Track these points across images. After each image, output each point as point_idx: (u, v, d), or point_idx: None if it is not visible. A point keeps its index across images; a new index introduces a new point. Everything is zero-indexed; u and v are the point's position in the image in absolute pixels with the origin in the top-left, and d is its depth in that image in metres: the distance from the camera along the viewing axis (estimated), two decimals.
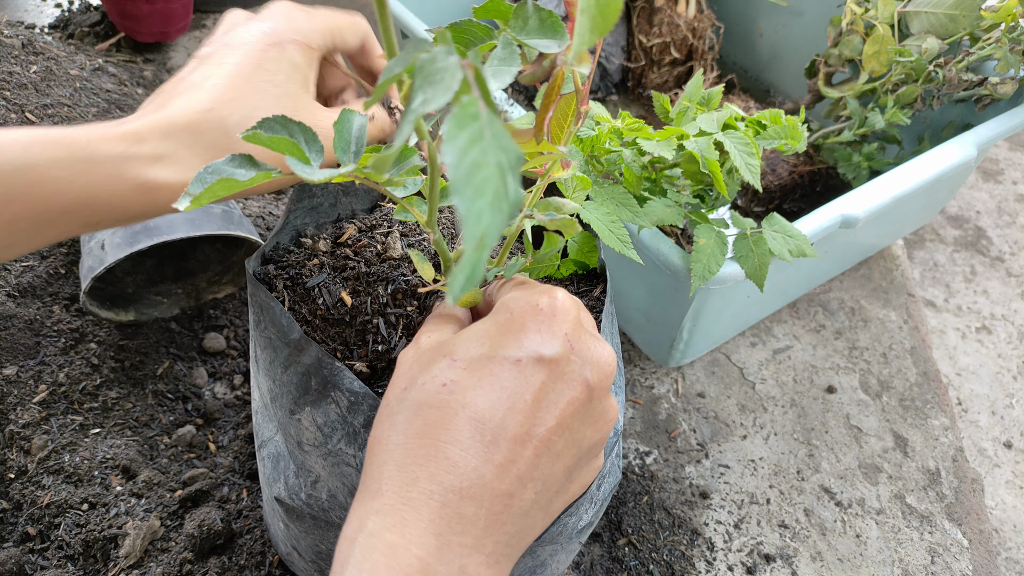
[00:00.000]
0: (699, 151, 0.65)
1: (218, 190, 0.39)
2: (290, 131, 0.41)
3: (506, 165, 0.26)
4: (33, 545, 0.72)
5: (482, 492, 0.35)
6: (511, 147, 0.26)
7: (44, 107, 0.94)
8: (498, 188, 0.25)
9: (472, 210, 0.25)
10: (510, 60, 0.36)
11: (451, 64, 0.28)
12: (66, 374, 0.81)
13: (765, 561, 0.78)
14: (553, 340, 0.38)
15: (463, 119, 0.26)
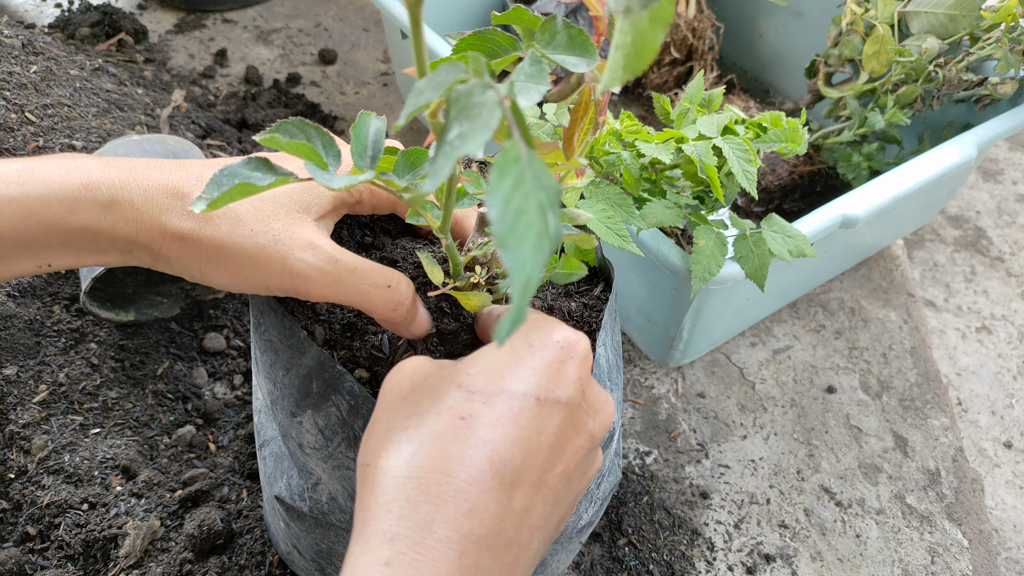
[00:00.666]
0: (697, 156, 0.64)
1: (235, 194, 0.38)
2: (308, 135, 0.40)
3: (546, 203, 0.26)
4: (33, 545, 0.73)
5: (498, 541, 0.33)
6: (550, 184, 0.26)
7: (44, 107, 0.94)
8: (540, 230, 0.25)
9: (518, 259, 0.24)
10: (539, 77, 0.35)
11: (489, 100, 0.27)
12: (66, 374, 0.81)
13: (765, 561, 0.78)
14: (569, 384, 0.37)
15: (505, 165, 0.25)
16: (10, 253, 0.43)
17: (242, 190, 0.37)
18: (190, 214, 0.44)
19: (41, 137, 0.91)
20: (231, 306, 0.92)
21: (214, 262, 0.45)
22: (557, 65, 0.38)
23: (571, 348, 0.38)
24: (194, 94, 1.21)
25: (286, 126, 0.39)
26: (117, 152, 0.84)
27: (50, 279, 0.85)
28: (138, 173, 0.44)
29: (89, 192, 0.42)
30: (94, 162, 0.44)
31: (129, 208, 0.43)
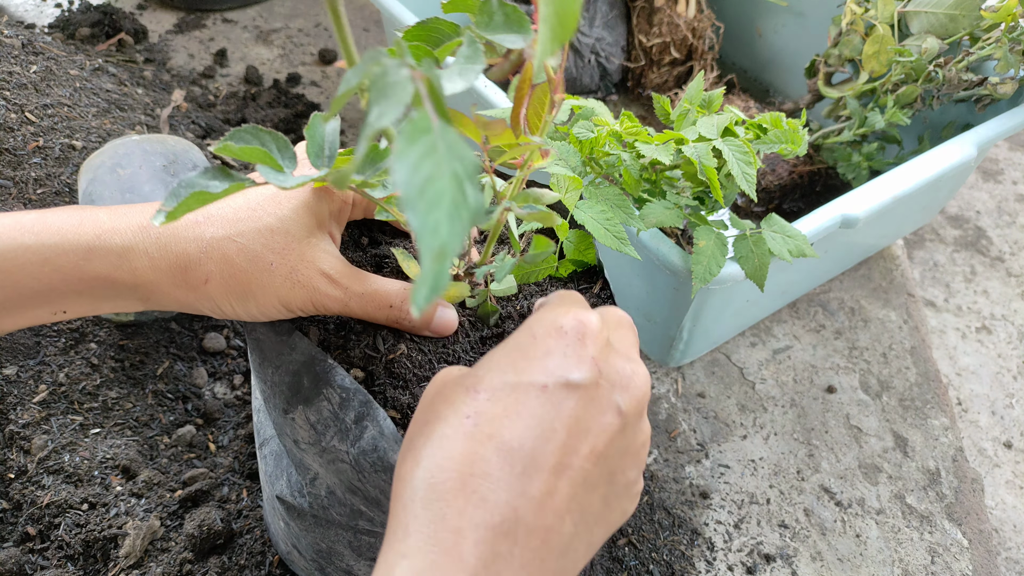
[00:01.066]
0: (697, 157, 0.65)
1: (192, 203, 0.39)
2: (261, 140, 0.41)
3: (463, 174, 0.26)
4: (33, 545, 0.73)
5: (516, 528, 0.33)
6: (467, 156, 0.26)
7: (44, 107, 0.94)
8: (455, 197, 0.25)
9: (427, 223, 0.25)
10: (475, 58, 0.36)
11: (402, 77, 0.28)
12: (66, 374, 0.81)
13: (765, 561, 0.78)
14: (580, 364, 0.37)
15: (414, 134, 0.26)
16: (27, 301, 0.44)
17: (198, 198, 0.38)
18: (206, 256, 0.45)
19: (41, 137, 0.91)
20: None
21: (242, 300, 0.47)
22: None
23: (579, 329, 0.38)
24: (194, 94, 1.21)
25: (239, 134, 0.40)
26: (117, 152, 0.84)
27: None
28: (148, 220, 0.45)
29: (102, 240, 0.44)
30: (105, 213, 0.45)
31: (144, 257, 0.44)
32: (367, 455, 0.49)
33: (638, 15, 1.20)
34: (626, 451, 0.39)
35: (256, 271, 0.46)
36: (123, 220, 0.45)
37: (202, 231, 0.45)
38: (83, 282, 0.44)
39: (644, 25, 1.19)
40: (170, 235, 0.45)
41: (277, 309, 0.48)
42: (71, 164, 0.92)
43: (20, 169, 0.88)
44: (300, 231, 0.47)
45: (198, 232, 0.45)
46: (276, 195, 0.48)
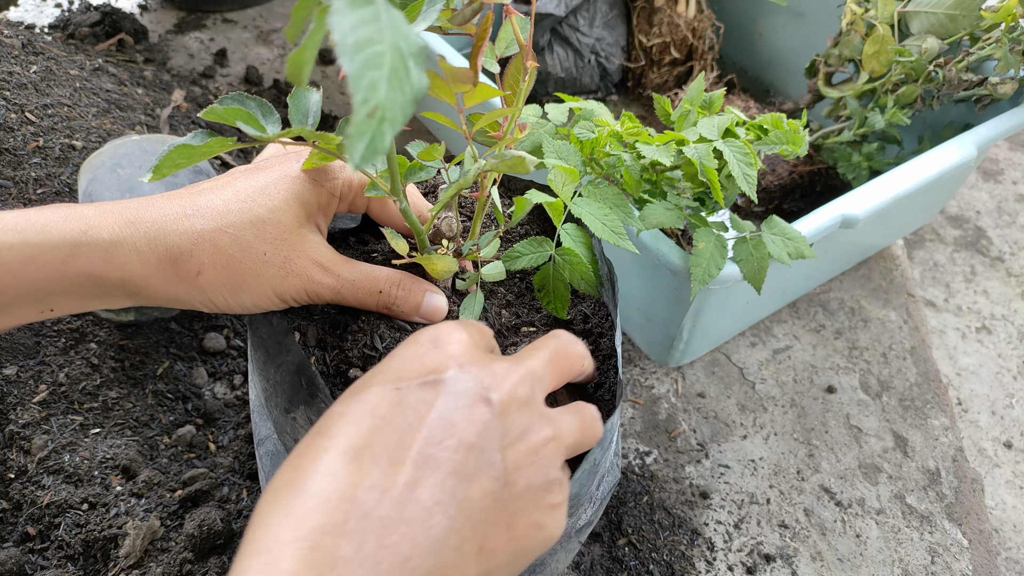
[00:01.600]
0: (698, 158, 0.65)
1: (176, 157, 0.40)
2: (243, 103, 0.42)
3: (406, 50, 0.25)
4: (33, 545, 0.73)
5: (365, 525, 0.31)
6: (411, 36, 0.26)
7: (44, 107, 0.94)
8: (396, 65, 0.24)
9: (364, 77, 0.24)
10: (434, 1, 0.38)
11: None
12: (66, 374, 0.81)
13: (765, 561, 0.78)
14: (435, 363, 0.37)
15: (355, 1, 0.24)
16: (13, 300, 0.43)
17: (182, 152, 0.39)
18: (198, 248, 0.45)
19: (41, 137, 0.91)
20: None
21: (235, 291, 0.47)
22: None
23: (435, 338, 0.39)
24: (194, 94, 1.21)
25: (225, 99, 0.42)
26: (117, 152, 0.84)
27: None
28: (135, 215, 0.45)
29: (88, 236, 0.43)
30: (90, 209, 0.45)
31: (133, 251, 0.44)
32: None
33: (638, 15, 1.20)
34: (513, 446, 0.37)
35: (250, 261, 0.46)
36: (110, 215, 0.44)
37: (192, 224, 0.45)
38: (68, 279, 0.43)
39: (644, 25, 1.19)
40: (159, 229, 0.45)
41: (270, 299, 0.49)
42: (71, 164, 0.92)
43: (20, 169, 0.88)
44: (291, 221, 0.48)
45: (188, 225, 0.45)
46: (265, 187, 0.48)
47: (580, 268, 0.59)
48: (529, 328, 0.63)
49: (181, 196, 0.47)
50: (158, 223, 0.45)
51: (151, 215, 0.45)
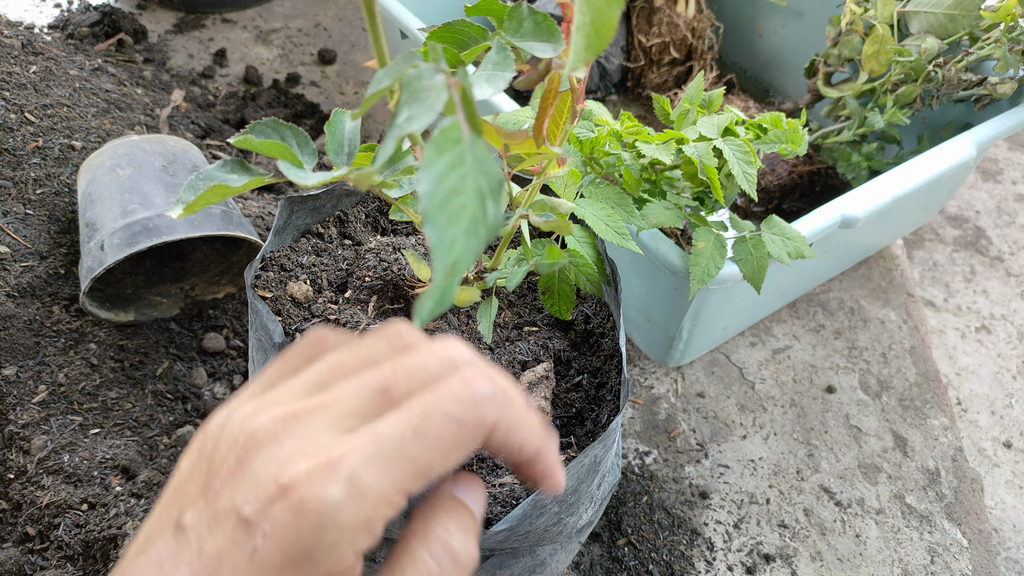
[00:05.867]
0: (698, 157, 0.64)
1: (210, 196, 0.38)
2: (282, 135, 0.40)
3: (486, 189, 0.26)
4: (33, 545, 0.72)
5: None
6: (493, 171, 0.26)
7: (44, 107, 0.93)
8: (475, 213, 0.25)
9: (445, 238, 0.24)
10: (504, 65, 0.35)
11: (437, 83, 0.27)
12: (66, 374, 0.81)
13: (765, 561, 0.78)
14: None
15: (444, 143, 0.25)
16: None
17: (217, 192, 0.37)
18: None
19: (40, 137, 0.91)
20: (231, 306, 0.92)
21: None
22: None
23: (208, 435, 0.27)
24: (193, 94, 1.20)
25: (260, 127, 0.39)
26: (116, 152, 0.84)
27: (49, 279, 0.85)
28: None
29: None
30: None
31: None
32: None
33: (638, 15, 1.20)
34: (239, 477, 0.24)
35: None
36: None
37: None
38: None
39: (644, 25, 1.19)
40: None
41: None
42: (70, 164, 0.92)
43: (19, 169, 0.88)
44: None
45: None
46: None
47: (586, 269, 0.59)
48: (531, 328, 0.63)
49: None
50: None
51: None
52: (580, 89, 0.43)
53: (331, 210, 0.66)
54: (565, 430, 0.58)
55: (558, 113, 0.45)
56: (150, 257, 0.91)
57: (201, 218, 0.79)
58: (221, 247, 0.93)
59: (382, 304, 0.58)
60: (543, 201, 0.46)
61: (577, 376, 0.60)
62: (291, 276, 0.60)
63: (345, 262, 0.62)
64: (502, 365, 0.58)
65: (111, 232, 0.77)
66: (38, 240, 0.86)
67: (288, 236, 0.64)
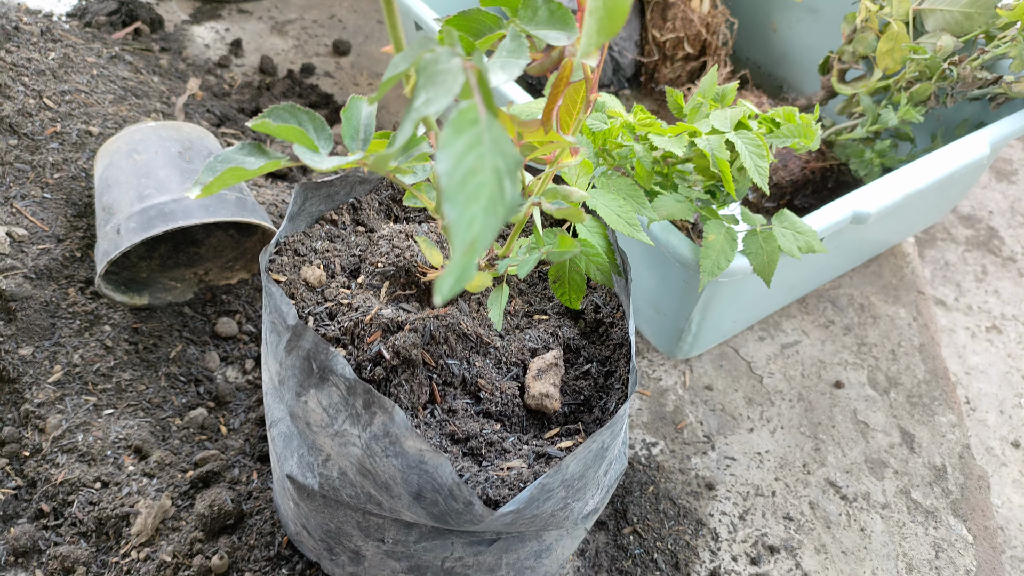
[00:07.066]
0: (710, 150, 0.65)
1: (228, 178, 0.39)
2: (299, 120, 0.41)
3: (504, 169, 0.26)
4: (47, 521, 0.74)
5: None
6: (510, 151, 0.27)
7: (62, 93, 0.95)
8: (493, 193, 0.26)
9: (464, 216, 0.25)
10: (519, 52, 0.36)
11: (454, 66, 0.28)
12: (81, 355, 0.82)
13: (769, 552, 0.78)
14: None
15: (461, 124, 0.26)
16: None
17: (234, 174, 0.39)
18: None
19: (58, 123, 0.92)
20: (244, 292, 0.93)
21: None
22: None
23: None
24: (209, 83, 1.21)
25: (277, 111, 0.40)
26: (133, 138, 0.85)
27: (66, 262, 0.86)
28: None
29: None
30: None
31: None
32: (378, 440, 0.50)
33: (652, 10, 1.20)
34: None
35: None
36: None
37: None
38: None
39: (658, 20, 1.19)
40: None
41: None
42: (87, 149, 0.93)
43: (38, 154, 0.89)
44: None
45: None
46: None
47: (597, 259, 0.60)
48: (542, 316, 0.64)
49: None
50: None
51: None
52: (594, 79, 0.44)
53: (345, 197, 0.67)
54: (573, 417, 0.58)
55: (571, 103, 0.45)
56: (165, 242, 0.92)
57: (216, 204, 0.80)
58: (235, 233, 0.94)
59: (394, 290, 0.59)
60: (555, 189, 0.47)
61: (586, 364, 0.61)
62: (305, 261, 0.60)
63: (358, 248, 0.63)
64: (512, 352, 0.59)
65: (127, 216, 0.78)
66: (55, 223, 0.87)
67: (302, 222, 0.65)
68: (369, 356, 0.54)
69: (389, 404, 0.48)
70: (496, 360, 0.58)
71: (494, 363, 0.58)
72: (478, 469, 0.52)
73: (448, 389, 0.56)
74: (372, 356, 0.54)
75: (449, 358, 0.56)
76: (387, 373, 0.54)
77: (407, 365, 0.54)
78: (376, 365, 0.54)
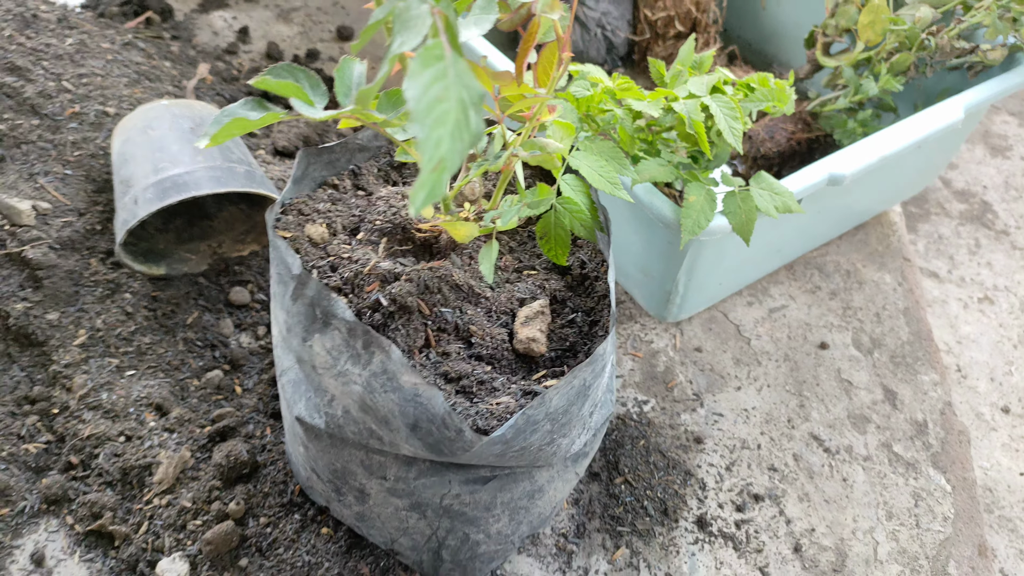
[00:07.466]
0: (686, 112, 0.69)
1: (233, 128, 0.44)
2: (296, 77, 0.46)
3: (468, 100, 0.31)
4: (75, 473, 0.79)
5: None
6: (474, 85, 0.31)
7: (80, 76, 1.00)
8: (459, 119, 0.30)
9: (431, 137, 0.29)
10: (489, 8, 0.41)
11: (422, 11, 0.33)
12: (103, 320, 0.87)
13: (754, 500, 0.82)
14: None
15: (428, 59, 0.30)
16: None
17: (238, 124, 0.44)
18: None
19: (77, 104, 0.97)
20: (255, 263, 0.98)
21: None
22: None
23: None
24: (218, 69, 1.26)
25: (276, 70, 0.46)
26: (148, 115, 0.90)
27: (87, 234, 0.91)
28: None
29: None
30: None
31: None
32: (377, 377, 0.54)
33: None
34: None
35: None
36: None
37: None
38: None
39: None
40: None
41: None
42: (105, 129, 0.98)
43: (59, 133, 0.94)
44: None
45: None
46: None
47: (579, 215, 0.64)
48: (531, 271, 0.68)
49: None
50: None
51: None
52: (565, 38, 0.48)
53: (345, 164, 0.72)
54: (560, 362, 0.63)
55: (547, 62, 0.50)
56: (180, 215, 0.97)
57: (227, 176, 0.85)
58: (245, 208, 0.99)
59: (391, 245, 0.64)
60: (533, 141, 0.51)
61: (572, 314, 0.65)
62: (308, 220, 0.65)
63: (358, 209, 0.67)
64: (501, 302, 0.63)
65: (144, 188, 0.83)
66: (76, 198, 0.92)
67: (306, 186, 0.69)
68: (368, 303, 0.58)
69: (386, 343, 0.52)
70: (487, 309, 0.62)
71: (485, 312, 0.62)
72: (469, 404, 0.56)
73: (442, 335, 0.60)
74: (371, 303, 0.58)
75: (443, 306, 0.60)
76: (385, 319, 0.58)
77: (403, 312, 0.58)
78: (375, 312, 0.58)
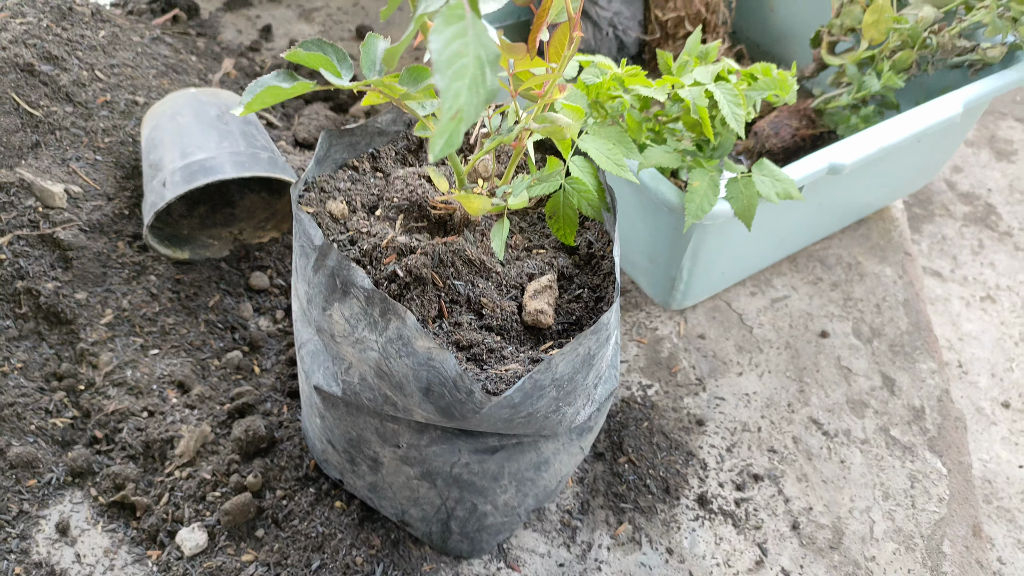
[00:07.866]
0: (691, 99, 0.72)
1: (266, 97, 0.48)
2: (324, 50, 0.50)
3: (485, 59, 0.34)
4: (100, 447, 0.83)
5: None
6: (491, 45, 0.34)
7: (111, 67, 1.04)
8: (476, 75, 0.33)
9: (451, 88, 0.32)
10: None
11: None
12: (129, 301, 0.91)
13: (754, 480, 0.85)
14: None
15: (450, 18, 0.34)
16: None
17: (272, 93, 0.47)
18: None
19: (108, 93, 1.02)
20: (275, 249, 1.01)
21: None
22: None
23: None
24: (242, 65, 1.31)
25: (306, 44, 0.49)
26: (176, 103, 0.94)
27: (115, 218, 0.95)
28: None
29: None
30: None
31: None
32: (393, 343, 0.57)
33: None
34: None
35: None
36: None
37: None
38: None
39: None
40: None
41: None
42: (134, 117, 1.02)
43: (90, 120, 0.99)
44: None
45: None
46: None
47: (587, 195, 0.67)
48: (540, 250, 0.71)
49: None
50: None
51: None
52: (576, 17, 0.51)
53: (365, 147, 0.75)
54: (567, 333, 0.66)
55: (559, 42, 0.53)
56: (204, 202, 1.01)
57: (251, 161, 0.88)
58: (266, 195, 1.02)
59: (408, 222, 0.67)
60: (544, 115, 0.54)
61: (578, 290, 0.68)
62: (330, 197, 0.68)
63: (376, 188, 0.71)
64: (511, 276, 0.66)
65: (171, 171, 0.87)
66: (106, 183, 0.96)
67: (328, 167, 0.73)
68: (385, 275, 0.62)
69: (402, 310, 0.55)
70: (497, 283, 0.66)
71: (495, 285, 0.65)
72: (479, 370, 0.59)
73: (454, 306, 0.63)
74: (388, 275, 0.61)
75: (455, 279, 0.64)
76: (400, 290, 0.61)
77: (418, 283, 0.61)
78: (391, 282, 0.61)
